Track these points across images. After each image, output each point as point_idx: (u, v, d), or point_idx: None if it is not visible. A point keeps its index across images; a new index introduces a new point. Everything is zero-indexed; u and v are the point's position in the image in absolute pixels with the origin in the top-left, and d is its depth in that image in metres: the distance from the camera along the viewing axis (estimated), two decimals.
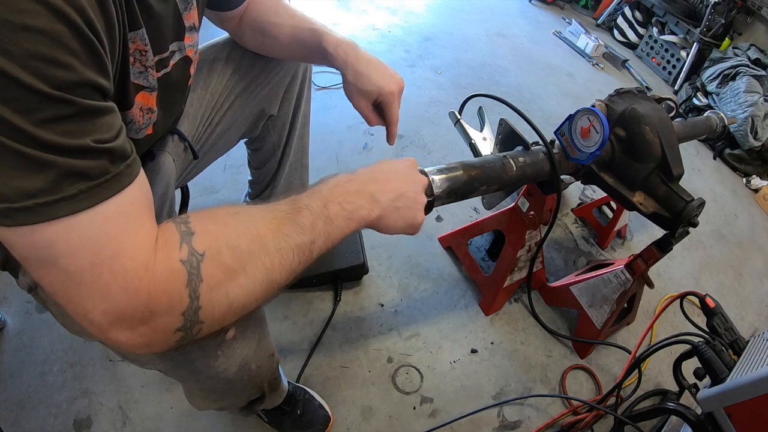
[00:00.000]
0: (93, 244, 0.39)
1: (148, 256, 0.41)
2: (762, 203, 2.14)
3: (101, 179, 0.38)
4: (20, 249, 0.38)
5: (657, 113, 0.98)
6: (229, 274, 0.45)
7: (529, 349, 1.27)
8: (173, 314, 0.42)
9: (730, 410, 0.78)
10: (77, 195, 0.37)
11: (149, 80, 0.55)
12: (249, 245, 0.46)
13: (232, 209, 0.50)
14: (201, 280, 0.43)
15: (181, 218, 0.46)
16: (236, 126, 0.94)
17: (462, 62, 2.36)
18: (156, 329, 0.42)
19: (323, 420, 1.00)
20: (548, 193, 1.05)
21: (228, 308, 0.46)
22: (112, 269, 0.39)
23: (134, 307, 0.41)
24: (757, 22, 2.59)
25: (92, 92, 0.37)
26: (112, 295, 0.40)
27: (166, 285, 0.41)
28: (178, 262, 0.42)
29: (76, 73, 0.35)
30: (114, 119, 0.40)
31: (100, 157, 0.38)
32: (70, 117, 0.36)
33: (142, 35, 0.50)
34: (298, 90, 1.00)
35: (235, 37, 0.89)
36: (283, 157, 1.09)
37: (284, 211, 0.51)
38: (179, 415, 0.99)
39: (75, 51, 0.35)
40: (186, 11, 0.61)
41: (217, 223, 0.47)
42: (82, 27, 0.35)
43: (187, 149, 0.82)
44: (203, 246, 0.44)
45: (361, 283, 1.29)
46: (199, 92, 0.86)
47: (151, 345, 0.44)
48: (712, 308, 0.92)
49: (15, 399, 0.96)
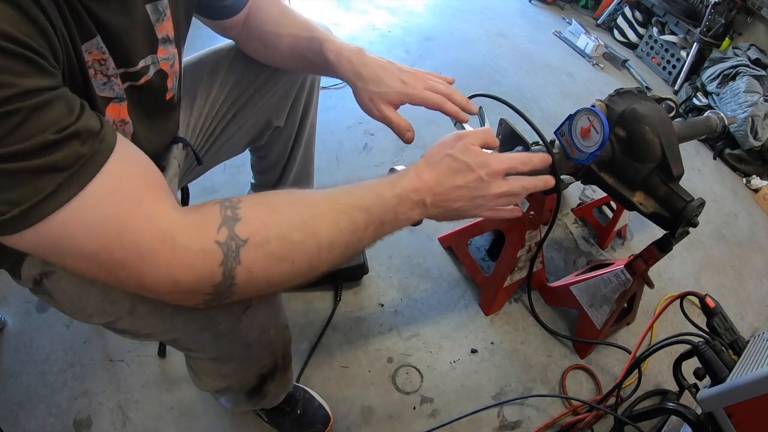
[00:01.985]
0: (95, 228, 0.40)
1: (162, 229, 0.42)
2: (762, 203, 2.14)
3: (76, 166, 0.38)
4: (34, 250, 0.41)
5: (657, 113, 0.98)
6: (274, 262, 0.46)
7: (529, 349, 1.27)
8: (202, 285, 0.44)
9: (730, 410, 0.78)
10: (56, 190, 0.38)
11: (115, 90, 0.54)
12: (302, 237, 0.48)
13: (292, 197, 0.51)
14: (239, 263, 0.44)
15: (230, 201, 0.47)
16: (241, 135, 0.92)
17: (462, 62, 2.36)
18: (184, 292, 0.45)
19: (323, 420, 1.00)
20: (548, 193, 1.05)
21: (265, 288, 0.49)
22: (122, 245, 0.41)
23: (155, 276, 0.42)
24: (757, 22, 2.59)
25: (36, 94, 0.37)
26: (131, 265, 0.41)
27: (192, 260, 0.43)
28: (213, 243, 0.43)
29: (12, 87, 0.35)
30: (70, 101, 0.40)
31: (67, 144, 0.38)
32: (21, 123, 0.36)
33: (98, 44, 0.48)
34: (305, 101, 0.98)
35: (240, 46, 0.85)
36: (287, 166, 1.08)
37: (346, 205, 0.52)
38: (179, 415, 0.99)
39: (3, 68, 0.35)
40: (158, 22, 0.58)
41: (271, 212, 0.48)
42: (2, 44, 0.34)
43: (190, 155, 0.81)
44: (248, 233, 0.45)
45: (361, 283, 1.29)
46: (200, 102, 0.84)
47: (180, 302, 0.47)
48: (712, 308, 0.92)
49: (15, 399, 0.96)
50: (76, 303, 0.59)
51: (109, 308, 0.58)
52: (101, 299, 0.57)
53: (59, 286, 0.58)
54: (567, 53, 2.83)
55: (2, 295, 1.11)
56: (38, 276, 0.58)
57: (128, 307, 0.57)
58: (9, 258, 0.58)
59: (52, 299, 0.61)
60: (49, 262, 0.43)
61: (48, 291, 0.59)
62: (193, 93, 0.83)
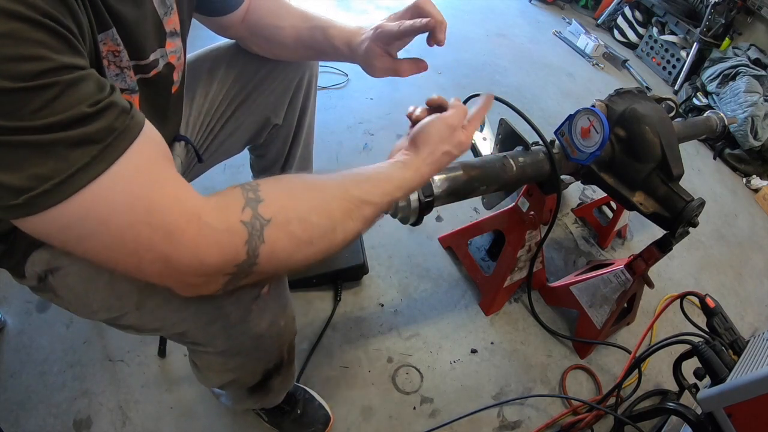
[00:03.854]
0: (123, 207, 0.39)
1: (188, 209, 0.42)
2: (762, 203, 2.14)
3: (109, 138, 0.39)
4: (56, 234, 0.40)
5: (657, 113, 0.98)
6: (296, 243, 0.47)
7: (529, 349, 1.27)
8: (226, 264, 0.44)
9: (730, 410, 0.78)
10: (90, 162, 0.37)
11: (127, 82, 0.54)
12: (319, 221, 0.49)
13: (307, 182, 0.53)
14: (263, 242, 0.45)
15: (250, 185, 0.48)
16: (239, 133, 0.93)
17: (462, 62, 2.36)
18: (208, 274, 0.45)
19: (323, 420, 1.00)
20: (548, 193, 1.05)
21: (284, 269, 0.50)
22: (150, 223, 0.40)
23: (181, 256, 0.42)
24: (757, 22, 2.59)
25: (71, 71, 0.37)
26: (157, 245, 0.41)
27: (219, 238, 0.43)
28: (237, 222, 0.44)
29: (49, 61, 0.35)
30: (102, 79, 0.40)
31: (102, 117, 0.38)
32: (57, 96, 0.36)
33: (113, 35, 0.49)
34: (303, 99, 0.98)
35: (240, 43, 0.86)
36: (286, 165, 1.08)
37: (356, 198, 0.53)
38: (179, 415, 0.99)
39: (41, 42, 0.35)
40: (166, 16, 0.59)
41: (290, 195, 0.49)
42: (40, 19, 0.35)
43: (191, 152, 0.81)
44: (270, 213, 0.46)
45: (361, 283, 1.29)
46: (199, 100, 0.84)
47: (203, 285, 0.46)
48: (712, 308, 0.92)
49: (15, 399, 0.96)
50: (81, 299, 0.59)
51: (116, 303, 0.58)
52: (107, 294, 0.57)
53: (65, 283, 0.58)
54: (567, 53, 2.83)
55: (2, 295, 1.11)
56: (43, 273, 0.58)
57: (136, 301, 0.57)
58: (14, 255, 0.58)
59: (57, 296, 0.60)
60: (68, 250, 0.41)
61: (53, 288, 0.59)
62: (192, 91, 0.83)
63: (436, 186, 0.78)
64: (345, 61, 0.82)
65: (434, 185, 0.78)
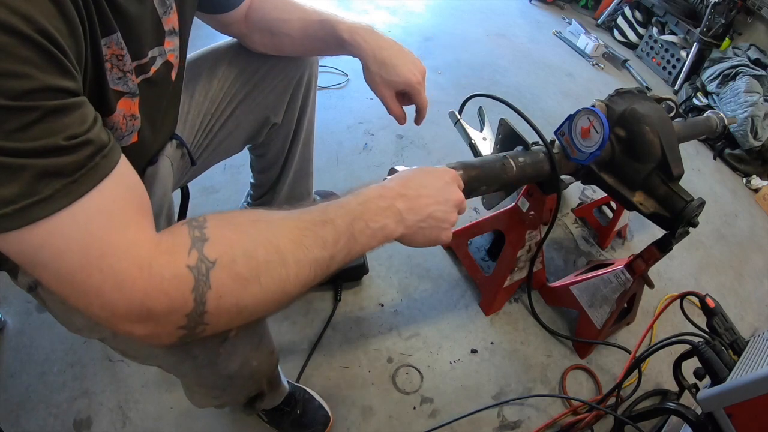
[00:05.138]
0: (79, 246, 0.39)
1: (142, 256, 0.41)
2: (762, 203, 2.14)
3: (76, 174, 0.38)
4: (12, 255, 0.39)
5: (657, 113, 0.98)
6: (241, 283, 0.45)
7: (529, 349, 1.27)
8: (175, 314, 0.43)
9: (730, 410, 0.78)
10: (53, 195, 0.37)
11: (129, 86, 0.54)
12: (266, 255, 0.46)
13: (254, 215, 0.50)
14: (209, 287, 0.43)
15: (197, 221, 0.46)
16: (238, 132, 0.93)
17: (462, 62, 2.36)
18: (157, 325, 0.43)
19: (323, 420, 1.00)
20: (548, 193, 1.05)
21: (237, 315, 0.46)
22: (101, 269, 0.39)
23: (129, 305, 0.41)
24: (757, 22, 2.59)
25: (56, 94, 0.37)
26: (106, 293, 0.40)
27: (167, 287, 0.41)
28: (184, 268, 0.42)
29: (33, 80, 0.35)
30: (86, 111, 0.40)
31: (74, 152, 0.38)
32: (36, 121, 0.35)
33: (117, 39, 0.49)
34: (303, 99, 0.98)
35: (242, 40, 0.86)
36: (286, 164, 1.08)
37: (308, 222, 0.50)
38: (179, 415, 0.99)
39: (28, 59, 0.34)
40: (165, 15, 0.59)
41: (235, 230, 0.47)
42: (31, 35, 0.34)
43: (185, 155, 0.81)
44: (216, 254, 0.44)
45: (361, 283, 1.29)
46: (198, 98, 0.84)
47: (154, 338, 0.44)
48: (712, 308, 0.92)
49: (15, 399, 0.96)
50: (66, 315, 0.59)
51: (95, 327, 0.57)
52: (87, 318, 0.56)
53: (51, 297, 0.58)
54: (567, 53, 2.83)
55: (2, 295, 1.11)
56: (32, 284, 0.58)
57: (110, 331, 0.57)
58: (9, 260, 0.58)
59: (47, 307, 0.61)
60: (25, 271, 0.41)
61: (42, 299, 0.59)
62: (192, 90, 0.83)
63: None
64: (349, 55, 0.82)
65: None
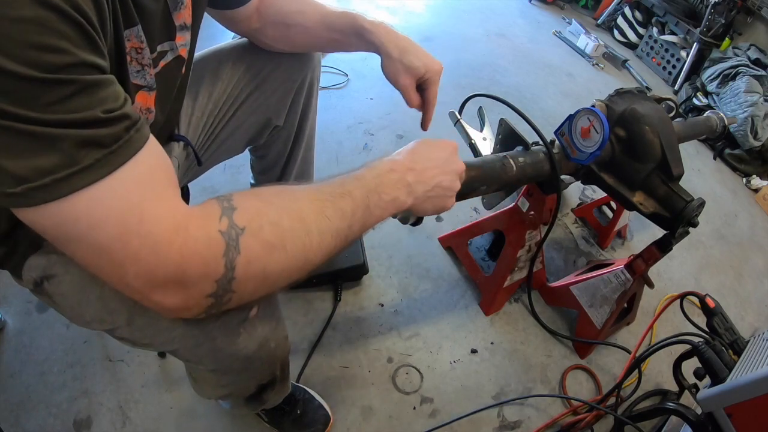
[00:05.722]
0: (117, 215, 0.39)
1: (177, 221, 0.42)
2: (762, 203, 2.14)
3: (115, 145, 0.39)
4: (48, 229, 0.40)
5: (657, 113, 0.98)
6: (268, 249, 0.47)
7: (529, 349, 1.27)
8: (207, 279, 0.44)
9: (730, 410, 0.78)
10: (94, 164, 0.38)
11: (147, 79, 0.55)
12: (291, 223, 0.48)
13: (277, 188, 0.52)
14: (239, 253, 0.45)
15: (224, 196, 0.48)
16: (240, 133, 0.93)
17: (462, 62, 2.36)
18: (189, 291, 0.44)
19: (323, 420, 1.00)
20: (548, 193, 1.05)
21: (262, 282, 0.48)
22: (140, 234, 0.40)
23: (166, 269, 0.42)
24: (757, 22, 2.59)
25: (91, 70, 0.37)
26: (143, 258, 0.41)
27: (201, 250, 0.43)
28: (216, 232, 0.44)
29: (70, 55, 0.35)
30: (117, 89, 0.40)
31: (112, 125, 0.39)
32: (74, 94, 0.36)
33: (137, 32, 0.50)
34: (305, 102, 0.98)
35: (251, 36, 0.86)
36: (287, 167, 1.08)
37: (328, 194, 0.53)
38: (179, 415, 0.99)
39: (65, 34, 0.35)
40: (176, 11, 0.60)
41: (260, 200, 0.49)
42: (69, 11, 0.35)
43: (190, 155, 0.81)
44: (244, 221, 0.46)
45: (361, 283, 1.29)
46: (202, 100, 0.84)
47: (184, 308, 0.46)
48: (712, 308, 0.92)
49: (15, 399, 0.96)
50: (75, 308, 0.59)
51: (107, 317, 0.57)
52: (99, 307, 0.57)
53: (59, 291, 0.58)
54: (567, 53, 2.83)
55: (2, 295, 1.11)
56: (39, 279, 0.58)
57: (126, 317, 0.57)
58: (14, 257, 0.58)
59: (53, 302, 0.60)
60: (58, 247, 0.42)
61: (49, 294, 0.59)
62: (195, 91, 0.83)
63: None
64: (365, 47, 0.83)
65: None
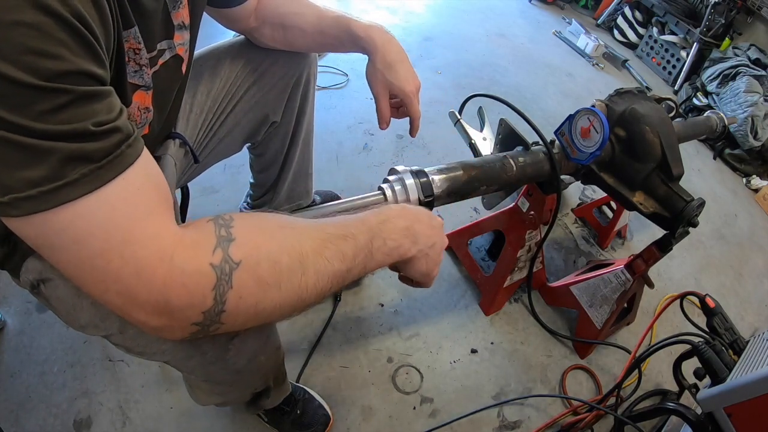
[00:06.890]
0: (101, 231, 0.39)
1: (164, 247, 0.41)
2: (762, 203, 2.14)
3: (103, 161, 0.38)
4: (32, 238, 0.39)
5: (657, 113, 0.98)
6: (262, 286, 0.45)
7: (529, 349, 1.27)
8: (192, 309, 0.43)
9: (730, 410, 0.78)
10: (80, 179, 0.37)
11: (144, 79, 0.55)
12: (290, 262, 0.47)
13: (281, 220, 0.51)
14: (231, 287, 0.43)
15: (224, 219, 0.46)
16: (238, 130, 0.93)
17: (462, 62, 2.36)
18: (173, 317, 0.43)
19: (323, 420, 1.00)
20: (548, 193, 1.05)
21: (254, 317, 0.47)
22: (122, 255, 0.40)
23: (148, 294, 0.41)
24: (757, 22, 2.59)
25: (87, 80, 0.37)
26: (125, 279, 0.40)
27: (187, 282, 0.42)
28: (207, 265, 0.43)
29: (66, 62, 0.35)
30: (113, 100, 0.40)
31: (102, 139, 0.38)
32: (67, 105, 0.36)
33: (135, 33, 0.50)
34: (301, 98, 0.98)
35: (249, 35, 0.87)
36: (285, 164, 1.08)
37: (331, 234, 0.51)
38: (179, 415, 0.99)
39: (63, 41, 0.35)
40: (175, 10, 0.60)
41: (262, 233, 0.48)
42: (68, 18, 0.35)
43: (188, 153, 0.81)
44: (241, 254, 0.44)
45: (361, 283, 1.29)
46: (200, 98, 0.85)
47: (166, 331, 0.45)
48: (712, 308, 0.92)
49: (15, 399, 0.96)
50: (70, 313, 0.59)
51: (101, 323, 0.57)
52: (93, 313, 0.56)
53: (55, 294, 0.58)
54: (567, 53, 2.83)
55: (2, 295, 1.11)
56: (36, 281, 0.58)
57: (118, 325, 0.57)
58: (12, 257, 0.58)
59: (50, 305, 0.60)
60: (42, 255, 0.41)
61: (45, 296, 0.59)
62: (194, 89, 0.84)
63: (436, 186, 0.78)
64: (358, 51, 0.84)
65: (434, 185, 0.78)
